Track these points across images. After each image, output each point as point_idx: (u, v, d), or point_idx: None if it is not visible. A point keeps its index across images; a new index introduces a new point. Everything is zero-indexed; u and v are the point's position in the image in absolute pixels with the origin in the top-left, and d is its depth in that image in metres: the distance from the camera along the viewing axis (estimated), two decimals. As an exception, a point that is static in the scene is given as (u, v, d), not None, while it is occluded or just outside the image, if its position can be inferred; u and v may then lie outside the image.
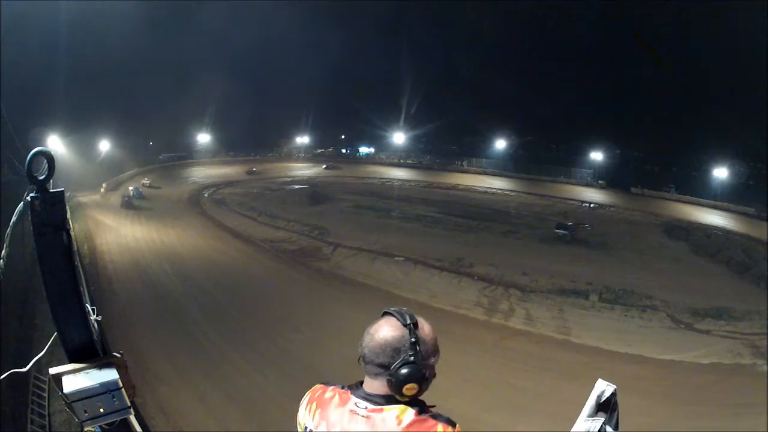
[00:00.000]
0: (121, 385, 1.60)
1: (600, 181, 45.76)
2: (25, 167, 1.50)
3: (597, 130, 45.24)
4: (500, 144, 52.94)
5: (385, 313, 1.54)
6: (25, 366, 1.90)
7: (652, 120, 45.12)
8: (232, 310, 18.77)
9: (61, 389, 1.54)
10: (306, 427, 1.54)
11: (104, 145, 46.73)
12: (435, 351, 1.51)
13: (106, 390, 1.57)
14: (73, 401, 1.52)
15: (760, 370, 15.35)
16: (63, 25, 35.58)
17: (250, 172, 51.30)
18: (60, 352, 1.62)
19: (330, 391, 1.55)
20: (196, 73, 49.32)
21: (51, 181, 1.54)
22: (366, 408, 1.45)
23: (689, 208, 38.99)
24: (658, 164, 45.99)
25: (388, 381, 1.43)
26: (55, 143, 37.71)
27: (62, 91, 36.85)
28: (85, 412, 1.53)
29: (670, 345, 17.24)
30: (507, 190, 45.75)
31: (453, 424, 1.44)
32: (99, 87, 42.79)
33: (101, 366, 1.60)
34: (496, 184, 47.67)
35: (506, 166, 51.65)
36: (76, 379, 1.55)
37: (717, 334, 18.12)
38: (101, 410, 1.57)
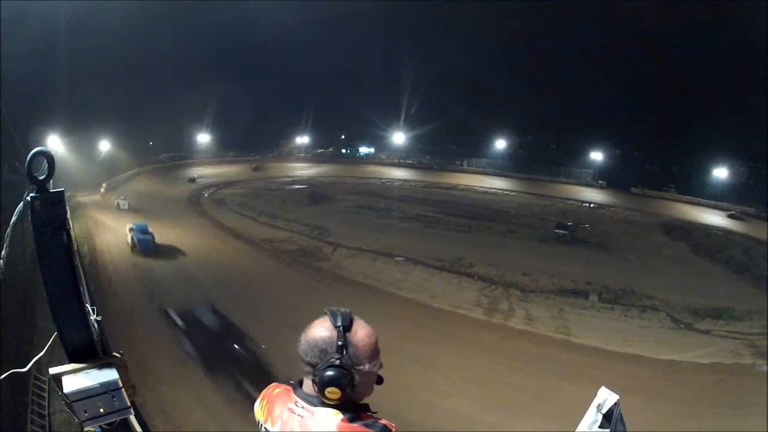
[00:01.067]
0: (121, 385, 1.60)
1: (600, 181, 45.79)
2: (25, 167, 1.50)
3: (597, 130, 45.26)
4: (500, 144, 52.93)
5: (324, 312, 1.50)
6: (25, 366, 1.90)
7: (652, 120, 45.12)
8: (231, 309, 18.75)
9: (61, 389, 1.54)
10: (259, 423, 1.55)
11: (104, 145, 46.73)
12: (370, 357, 1.45)
13: (106, 390, 1.56)
14: (73, 401, 1.52)
15: (760, 370, 15.35)
16: (63, 25, 35.58)
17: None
18: (60, 352, 1.62)
19: (278, 388, 1.56)
20: (197, 73, 49.38)
21: (51, 181, 1.53)
22: (303, 408, 1.44)
23: (689, 208, 39.01)
24: (658, 164, 46.03)
25: (313, 381, 1.42)
26: (55, 143, 37.69)
27: (62, 91, 36.83)
28: (85, 412, 1.53)
29: (670, 345, 17.25)
30: (507, 190, 45.72)
31: (388, 431, 1.37)
32: (99, 87, 42.80)
33: (101, 366, 1.60)
34: (496, 184, 47.64)
35: (506, 166, 51.66)
36: (76, 379, 1.55)
37: (717, 334, 18.12)
38: (101, 410, 1.56)
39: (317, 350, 1.42)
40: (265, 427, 1.51)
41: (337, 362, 1.39)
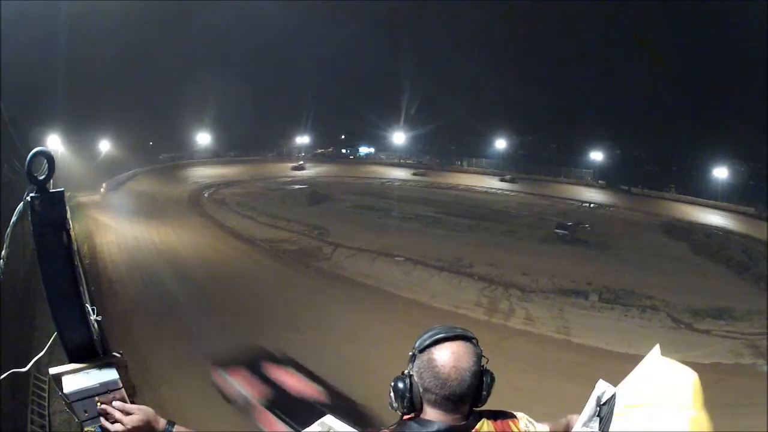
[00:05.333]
0: (121, 385, 1.60)
1: (600, 181, 45.79)
2: (25, 167, 1.50)
3: (597, 130, 45.30)
4: (500, 144, 52.96)
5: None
6: (25, 366, 1.89)
7: (652, 120, 45.15)
8: (231, 309, 18.75)
9: (61, 389, 1.53)
10: None
11: (104, 145, 46.75)
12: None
13: (106, 390, 1.56)
14: (73, 401, 1.52)
15: (760, 370, 15.35)
16: (63, 25, 35.58)
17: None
18: (60, 352, 1.62)
19: None
20: (196, 73, 49.42)
21: (51, 181, 1.53)
22: None
23: (689, 208, 39.01)
24: (658, 164, 46.07)
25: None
26: (55, 143, 37.70)
27: (62, 91, 36.84)
28: (85, 412, 1.53)
29: (670, 345, 17.20)
30: (507, 190, 45.70)
31: None
32: (99, 87, 42.86)
33: (101, 366, 1.60)
34: (496, 184, 47.64)
35: (506, 166, 51.68)
36: (76, 379, 1.55)
37: (717, 334, 18.10)
38: (101, 410, 1.57)
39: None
40: None
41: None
